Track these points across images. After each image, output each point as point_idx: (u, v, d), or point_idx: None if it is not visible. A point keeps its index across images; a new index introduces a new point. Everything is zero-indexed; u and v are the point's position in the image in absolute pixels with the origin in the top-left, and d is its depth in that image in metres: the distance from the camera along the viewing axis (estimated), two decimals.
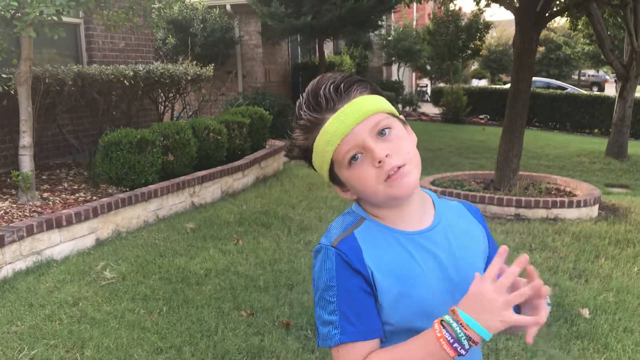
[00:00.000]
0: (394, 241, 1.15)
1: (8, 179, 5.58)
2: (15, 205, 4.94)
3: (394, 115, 1.16)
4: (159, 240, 4.93)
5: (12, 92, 5.29)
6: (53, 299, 3.70)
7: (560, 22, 30.33)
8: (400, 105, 20.84)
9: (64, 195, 5.43)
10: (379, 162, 1.08)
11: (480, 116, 19.62)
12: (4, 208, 4.85)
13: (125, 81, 6.73)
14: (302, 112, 1.12)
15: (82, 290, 3.85)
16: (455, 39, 17.25)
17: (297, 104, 1.15)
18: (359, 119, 1.09)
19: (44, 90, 5.75)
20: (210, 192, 6.36)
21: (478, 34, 17.62)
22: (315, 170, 1.21)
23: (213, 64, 9.43)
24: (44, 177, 6.07)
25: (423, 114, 20.89)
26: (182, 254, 4.61)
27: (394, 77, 22.39)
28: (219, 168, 6.57)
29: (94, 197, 5.40)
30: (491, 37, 30.51)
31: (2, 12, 4.40)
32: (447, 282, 1.15)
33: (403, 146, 1.12)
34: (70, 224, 4.60)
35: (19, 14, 4.53)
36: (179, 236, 5.06)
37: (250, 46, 13.19)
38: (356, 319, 1.09)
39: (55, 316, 3.46)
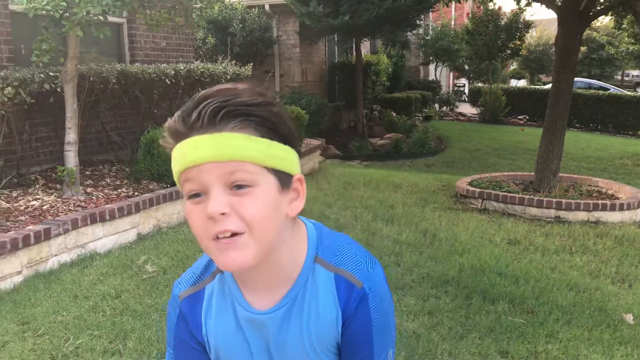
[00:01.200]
0: (232, 313, 1.07)
1: (53, 174, 5.74)
2: (60, 200, 5.08)
3: (277, 173, 0.94)
4: None
5: (59, 90, 5.45)
6: (96, 291, 3.80)
7: (604, 21, 29.62)
8: (437, 105, 20.68)
9: (106, 191, 5.56)
10: (210, 217, 0.89)
11: (519, 117, 19.31)
12: (50, 202, 5.00)
13: (166, 80, 6.85)
14: (176, 114, 0.94)
15: (124, 283, 3.94)
16: (494, 38, 17.02)
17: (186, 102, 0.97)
18: (213, 157, 0.89)
19: (88, 88, 5.90)
20: None
21: (518, 34, 17.34)
22: None
23: (251, 64, 9.52)
24: (87, 172, 6.23)
25: (460, 114, 20.69)
26: None
27: (431, 77, 22.23)
28: None
29: (136, 193, 5.52)
30: (531, 36, 29.98)
31: (52, 12, 4.54)
32: None
33: (251, 209, 0.89)
34: (113, 218, 4.72)
35: (67, 14, 4.66)
36: None
37: (288, 46, 13.26)
38: None
39: (99, 308, 3.56)
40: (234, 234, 0.89)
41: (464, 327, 3.43)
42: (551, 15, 7.00)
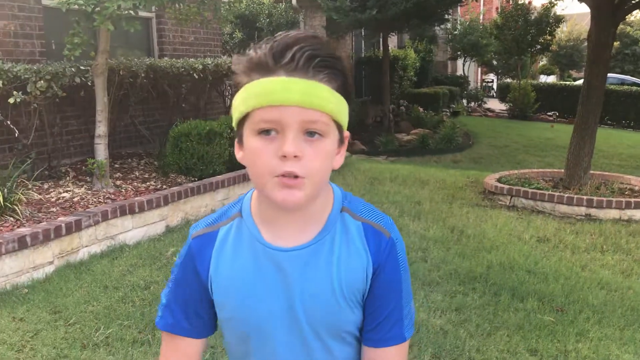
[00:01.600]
0: (249, 252, 1.05)
1: (83, 167, 5.83)
2: (90, 192, 5.16)
3: (338, 127, 0.99)
4: None
5: (89, 84, 5.53)
6: (126, 282, 3.85)
7: (638, 15, 28.98)
8: (465, 101, 20.48)
9: (135, 184, 5.63)
10: (284, 156, 0.92)
11: (549, 113, 19.01)
12: (80, 194, 5.08)
13: (194, 74, 6.90)
14: (263, 47, 0.94)
15: (153, 274, 3.99)
16: (524, 33, 16.76)
17: (269, 39, 0.96)
18: (303, 103, 0.92)
19: (118, 82, 5.97)
20: None
21: (548, 29, 17.04)
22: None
23: None
24: (116, 165, 6.31)
25: (489, 109, 20.46)
26: None
27: (459, 72, 22.01)
28: None
29: (164, 186, 5.57)
30: (562, 31, 29.47)
31: (84, 7, 4.60)
32: (291, 309, 1.05)
33: (316, 162, 0.95)
34: (142, 211, 4.77)
35: (98, 8, 4.72)
36: None
37: None
38: (176, 311, 1.11)
39: (128, 298, 3.60)
40: (296, 176, 0.94)
41: (492, 324, 3.39)
42: (582, 9, 6.86)
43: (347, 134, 1.04)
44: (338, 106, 0.96)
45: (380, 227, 1.07)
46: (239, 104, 0.97)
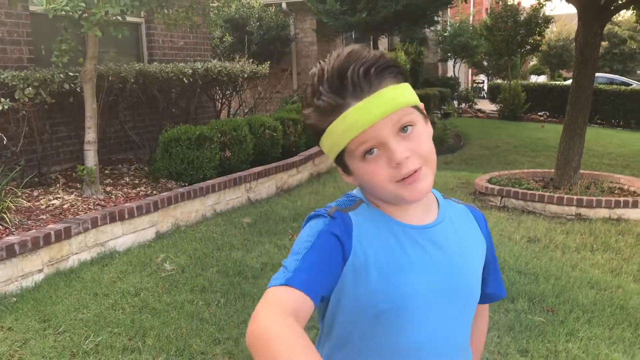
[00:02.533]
0: (387, 230, 1.08)
1: (74, 173, 5.81)
2: (80, 199, 5.14)
3: (417, 108, 1.06)
4: (217, 234, 5.04)
5: (78, 90, 5.51)
6: (116, 288, 3.84)
7: (626, 15, 29.17)
8: (455, 102, 20.53)
9: (125, 190, 5.61)
10: (397, 163, 1.00)
11: (539, 113, 19.08)
12: (70, 201, 5.06)
13: (184, 79, 6.89)
14: (322, 91, 1.00)
15: (143, 281, 3.98)
16: (513, 34, 16.82)
17: (316, 75, 1.01)
18: (384, 113, 0.98)
19: (107, 87, 5.96)
20: (265, 187, 6.45)
21: (537, 29, 17.11)
22: (319, 146, 1.10)
23: (269, 62, 9.54)
24: (106, 171, 6.29)
25: (479, 110, 20.51)
26: (239, 248, 4.69)
27: (450, 73, 22.06)
28: (274, 164, 6.65)
29: (154, 192, 5.56)
30: (551, 31, 29.64)
31: (71, 13, 4.58)
32: (436, 283, 1.08)
33: (423, 146, 1.03)
34: (132, 217, 4.76)
35: (86, 15, 4.71)
36: (235, 230, 5.15)
37: (305, 44, 13.26)
38: (312, 272, 0.97)
39: (119, 305, 3.59)
40: (414, 171, 1.01)
41: None
42: (571, 10, 6.90)
43: (421, 105, 1.09)
44: (408, 94, 1.04)
45: (475, 207, 1.26)
46: (331, 145, 1.04)
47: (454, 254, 1.12)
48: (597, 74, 7.07)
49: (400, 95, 1.01)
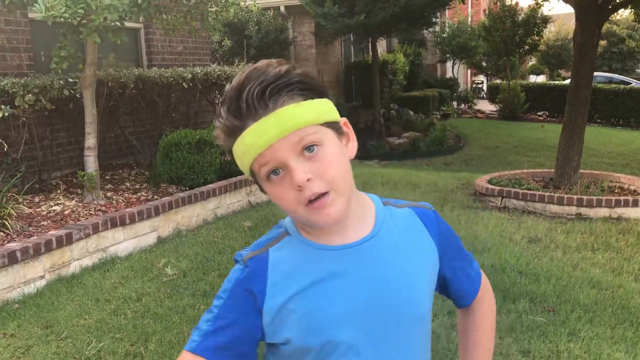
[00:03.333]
0: (310, 262, 1.03)
1: (74, 179, 5.82)
2: (81, 204, 5.15)
3: (330, 125, 1.00)
4: (218, 238, 5.04)
5: (78, 96, 5.52)
6: (118, 294, 3.84)
7: (624, 14, 29.18)
8: (455, 103, 20.55)
9: (126, 195, 5.62)
10: (299, 186, 0.95)
11: (539, 113, 19.11)
12: (71, 207, 5.07)
13: (183, 83, 6.91)
14: (222, 113, 0.98)
15: (145, 286, 3.98)
16: (512, 34, 16.87)
17: (222, 97, 1.00)
18: (280, 134, 0.94)
19: (107, 93, 5.97)
20: None
21: (536, 29, 17.16)
22: None
23: None
24: (107, 177, 6.30)
25: (479, 111, 20.54)
26: None
27: (449, 74, 22.09)
28: None
29: (155, 197, 5.57)
30: (549, 31, 29.65)
31: (70, 20, 4.59)
32: (368, 306, 1.02)
33: (329, 169, 0.96)
34: (133, 222, 4.76)
35: (85, 21, 4.72)
36: (237, 234, 5.16)
37: (304, 47, 13.28)
38: (223, 335, 1.00)
39: (120, 311, 3.60)
40: (321, 194, 0.96)
41: None
42: (569, 9, 6.91)
43: (343, 120, 1.05)
44: (314, 110, 0.97)
45: (422, 206, 1.17)
46: (241, 166, 1.02)
47: (390, 269, 1.04)
48: (595, 73, 7.10)
49: (300, 115, 0.95)
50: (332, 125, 1.01)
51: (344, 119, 1.05)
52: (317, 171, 0.95)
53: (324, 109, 0.99)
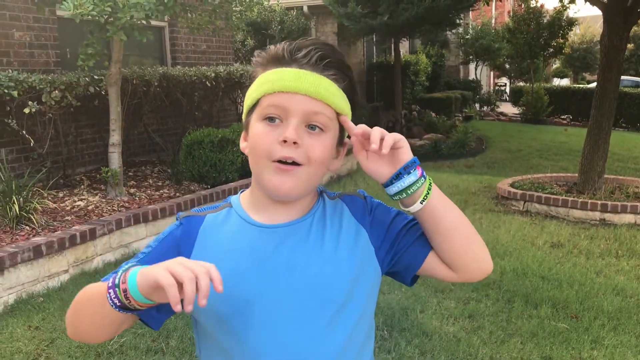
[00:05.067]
0: (240, 233, 1.07)
1: (98, 175, 5.89)
2: (104, 200, 5.21)
3: (340, 128, 1.06)
4: None
5: (103, 93, 5.59)
6: None
7: None
8: (477, 105, 20.40)
9: (149, 191, 5.68)
10: (284, 141, 0.98)
11: (562, 116, 18.87)
12: (95, 202, 5.13)
13: (207, 82, 6.95)
14: (283, 46, 1.03)
15: None
16: (536, 36, 16.68)
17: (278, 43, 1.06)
18: (311, 92, 0.99)
19: (131, 90, 6.03)
20: None
21: (561, 32, 16.95)
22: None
23: None
24: (130, 173, 6.37)
25: (501, 113, 20.37)
26: None
27: (472, 76, 21.94)
28: None
29: (177, 194, 5.61)
30: (575, 34, 29.29)
31: (97, 18, 4.65)
32: (288, 286, 1.03)
33: (316, 151, 1.01)
34: (156, 219, 4.81)
35: (112, 19, 4.78)
36: None
37: None
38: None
39: None
40: (294, 163, 1.00)
41: (505, 331, 3.38)
42: (596, 12, 6.82)
43: (347, 140, 1.10)
44: (344, 104, 1.04)
45: (354, 193, 1.19)
46: (252, 91, 1.06)
47: (314, 253, 1.06)
48: (622, 77, 6.98)
49: (333, 94, 1.02)
50: (341, 131, 1.07)
51: (348, 140, 1.10)
52: (307, 145, 1.00)
53: (348, 112, 1.07)
